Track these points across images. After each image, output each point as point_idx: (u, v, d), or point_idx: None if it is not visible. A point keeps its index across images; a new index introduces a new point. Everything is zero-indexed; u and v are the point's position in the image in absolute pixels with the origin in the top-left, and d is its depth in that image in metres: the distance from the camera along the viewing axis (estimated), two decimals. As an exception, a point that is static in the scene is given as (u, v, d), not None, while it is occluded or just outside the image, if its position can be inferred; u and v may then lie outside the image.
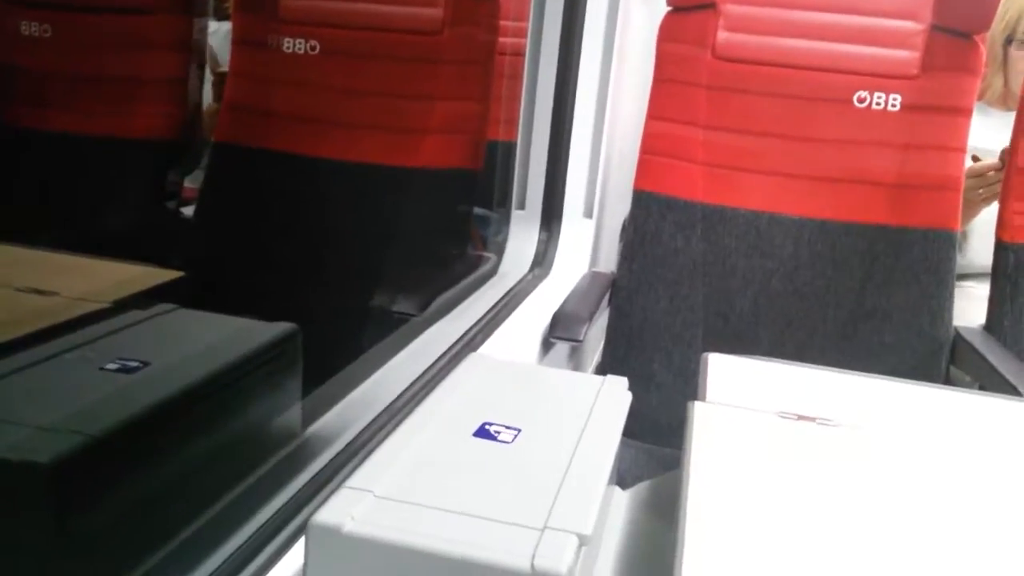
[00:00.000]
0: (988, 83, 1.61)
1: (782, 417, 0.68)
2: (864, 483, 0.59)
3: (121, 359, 0.65)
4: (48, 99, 1.57)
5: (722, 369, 0.77)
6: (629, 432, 0.67)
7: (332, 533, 0.48)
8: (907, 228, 1.34)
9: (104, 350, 0.67)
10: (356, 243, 1.50)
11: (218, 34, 1.88)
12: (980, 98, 1.62)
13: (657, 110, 1.43)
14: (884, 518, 0.55)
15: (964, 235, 1.56)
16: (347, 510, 0.50)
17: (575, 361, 1.49)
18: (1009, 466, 0.64)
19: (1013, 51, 1.57)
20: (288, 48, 1.52)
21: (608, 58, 1.52)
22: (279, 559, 0.62)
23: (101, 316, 0.73)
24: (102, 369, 0.64)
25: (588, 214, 1.58)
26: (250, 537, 0.63)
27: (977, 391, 1.03)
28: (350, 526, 0.49)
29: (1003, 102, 1.62)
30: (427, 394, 0.66)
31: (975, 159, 1.45)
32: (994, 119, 1.60)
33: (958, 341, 1.33)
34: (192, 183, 1.65)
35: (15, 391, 0.60)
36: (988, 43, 1.56)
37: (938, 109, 1.34)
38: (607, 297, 1.42)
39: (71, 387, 0.62)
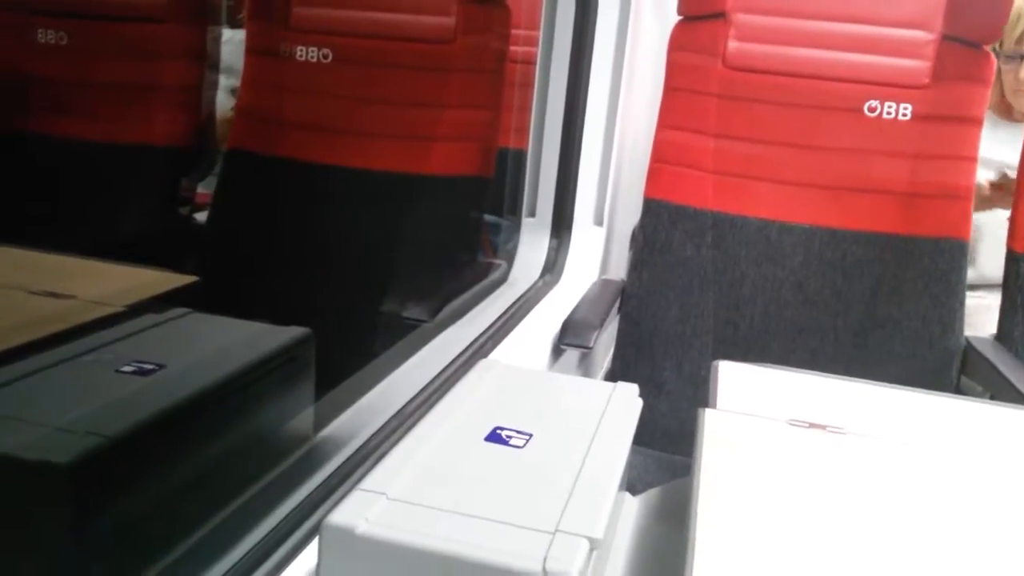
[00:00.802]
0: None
1: (792, 425, 0.68)
2: (874, 491, 0.59)
3: (137, 362, 0.66)
4: (62, 105, 1.58)
5: (732, 377, 0.77)
6: (639, 439, 0.67)
7: (346, 534, 0.49)
8: (917, 237, 1.34)
9: (120, 353, 0.68)
10: (368, 249, 1.51)
11: (231, 42, 1.90)
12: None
13: (667, 119, 1.44)
14: (893, 526, 0.55)
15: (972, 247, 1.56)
16: (360, 512, 0.50)
17: (585, 368, 1.49)
18: (1019, 475, 0.64)
19: (1001, 64, 1.57)
20: (301, 56, 1.53)
21: (619, 66, 1.53)
22: (293, 559, 0.62)
23: (117, 319, 0.73)
24: (118, 371, 0.65)
25: (598, 222, 1.58)
26: (264, 537, 0.64)
27: (988, 400, 1.02)
28: (363, 527, 0.49)
29: (1006, 113, 1.62)
30: (439, 399, 0.67)
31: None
32: (1001, 130, 1.60)
33: (969, 350, 1.33)
34: (206, 189, 1.66)
35: (33, 392, 0.61)
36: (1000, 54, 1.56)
37: (949, 119, 1.34)
38: (617, 304, 1.42)
39: (88, 389, 0.63)
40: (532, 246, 1.52)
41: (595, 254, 1.57)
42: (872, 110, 1.36)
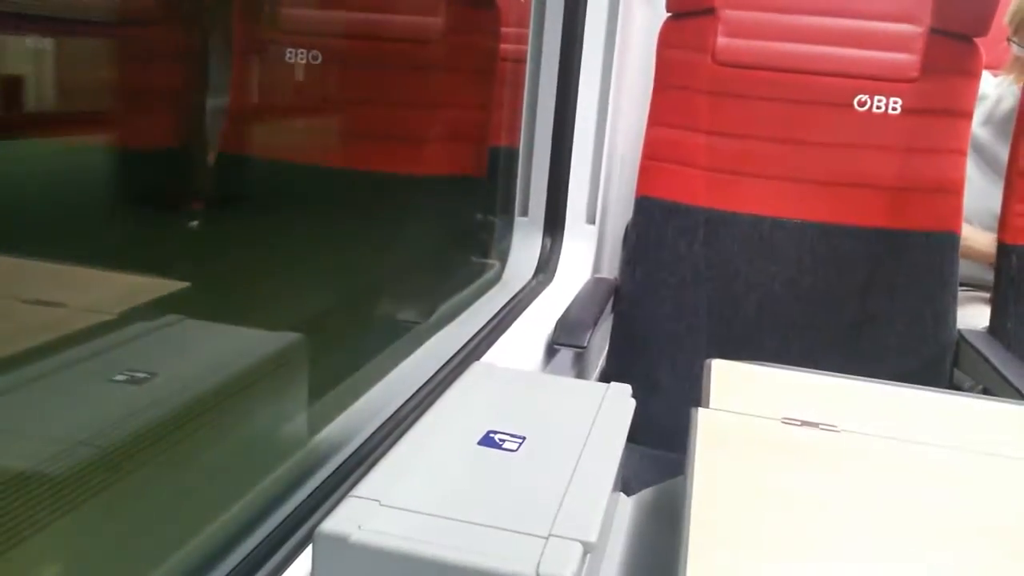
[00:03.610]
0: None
1: (786, 423, 0.68)
2: (867, 488, 0.59)
3: (129, 370, 0.66)
4: (54, 110, 1.57)
5: (726, 375, 0.78)
6: (633, 437, 0.67)
7: (339, 542, 0.49)
8: (909, 231, 1.35)
9: (112, 361, 0.68)
10: (358, 251, 1.51)
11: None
12: None
13: (658, 116, 1.44)
14: (888, 523, 0.55)
15: None
16: (354, 519, 0.50)
17: (579, 367, 1.49)
18: (1013, 470, 0.64)
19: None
20: (290, 58, 1.53)
21: (609, 64, 1.53)
22: (287, 567, 0.62)
23: (108, 328, 0.73)
24: (110, 380, 0.65)
25: (591, 220, 1.58)
26: (258, 545, 0.64)
27: (980, 395, 1.03)
28: (357, 535, 0.49)
29: None
30: (432, 402, 0.67)
31: None
32: None
33: (961, 344, 1.33)
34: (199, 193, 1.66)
35: (23, 403, 0.60)
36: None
37: (938, 112, 1.34)
38: (610, 303, 1.42)
39: (79, 398, 0.63)
40: (525, 245, 1.52)
41: (588, 253, 1.57)
42: (862, 104, 1.36)
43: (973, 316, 1.45)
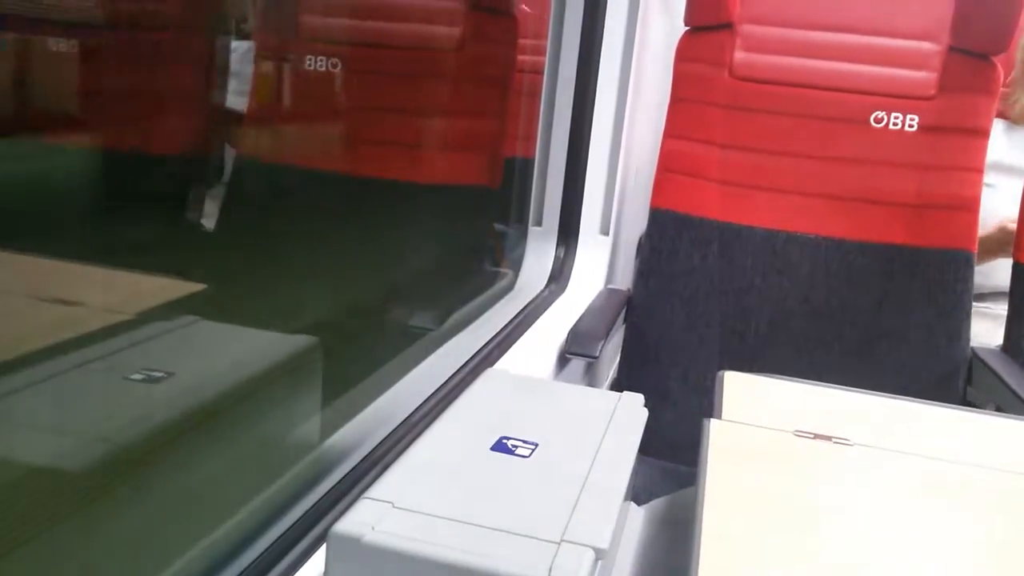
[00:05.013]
0: (1016, 100, 1.61)
1: (798, 435, 0.68)
2: (879, 502, 0.59)
3: (146, 369, 0.66)
4: (68, 114, 1.59)
5: (738, 387, 0.78)
6: (644, 449, 0.67)
7: (352, 543, 0.49)
8: (924, 248, 1.34)
9: (129, 360, 0.68)
10: (373, 257, 1.51)
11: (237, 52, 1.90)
12: (1007, 116, 1.62)
13: (674, 128, 1.44)
14: (899, 538, 0.55)
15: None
16: (367, 520, 0.51)
17: (590, 377, 1.49)
18: (1025, 487, 0.64)
19: None
20: (309, 65, 1.54)
21: (626, 76, 1.54)
22: (300, 567, 0.62)
23: (126, 327, 0.74)
24: (127, 379, 0.65)
25: (605, 231, 1.58)
26: (271, 545, 0.64)
27: (994, 412, 1.02)
28: (370, 536, 0.49)
29: None
30: (445, 408, 0.67)
31: None
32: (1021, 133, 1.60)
33: (975, 361, 1.33)
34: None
35: (42, 400, 0.61)
36: (1019, 60, 1.56)
37: (955, 130, 1.34)
38: (623, 314, 1.42)
39: (97, 396, 0.63)
40: (538, 255, 1.53)
41: (601, 263, 1.57)
42: (878, 121, 1.36)
43: (987, 333, 1.45)
